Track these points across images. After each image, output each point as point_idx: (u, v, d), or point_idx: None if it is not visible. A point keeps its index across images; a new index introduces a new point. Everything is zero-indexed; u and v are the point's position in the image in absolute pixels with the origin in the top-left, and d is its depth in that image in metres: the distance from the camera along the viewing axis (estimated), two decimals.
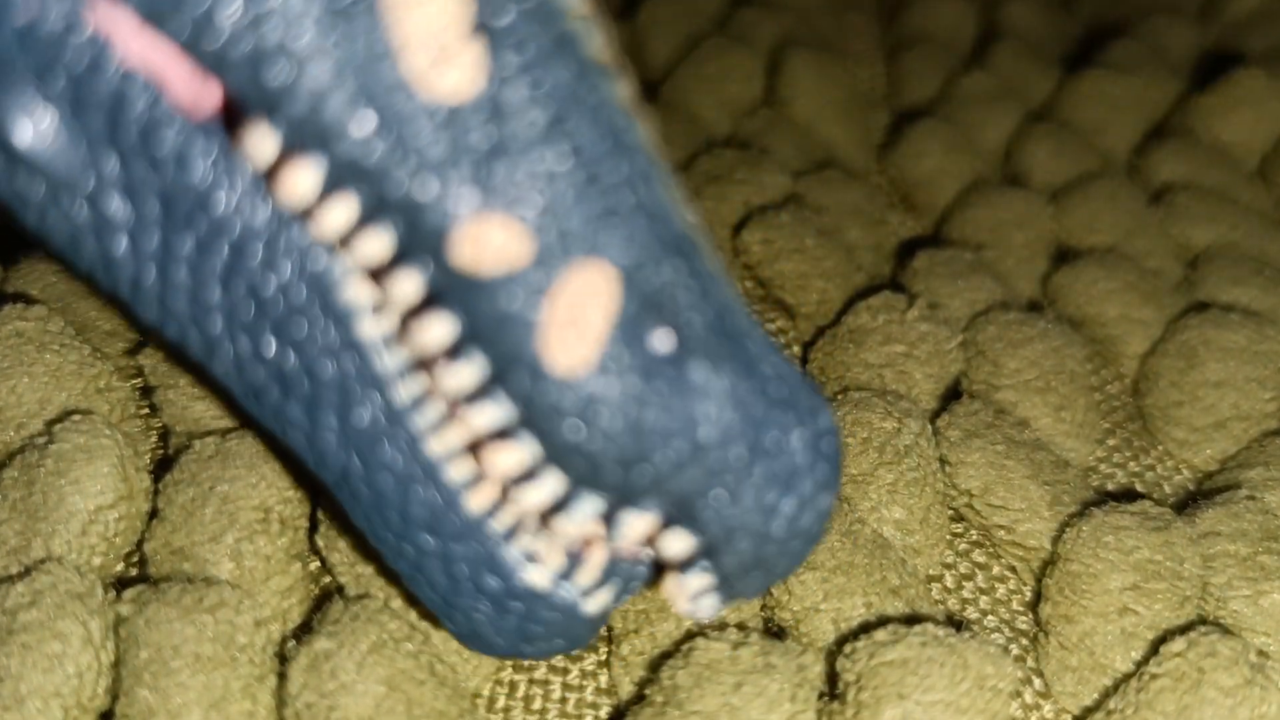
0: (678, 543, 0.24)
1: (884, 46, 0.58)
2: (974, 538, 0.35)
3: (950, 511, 0.34)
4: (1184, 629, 0.29)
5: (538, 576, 0.25)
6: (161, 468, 0.31)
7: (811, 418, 0.24)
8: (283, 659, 0.28)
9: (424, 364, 0.24)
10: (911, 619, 0.29)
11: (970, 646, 0.28)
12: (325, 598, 0.30)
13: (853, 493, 0.33)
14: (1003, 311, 0.39)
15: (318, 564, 0.31)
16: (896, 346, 0.37)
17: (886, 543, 0.31)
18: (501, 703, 0.30)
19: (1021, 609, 0.33)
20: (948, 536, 0.34)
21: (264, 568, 0.29)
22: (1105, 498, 0.33)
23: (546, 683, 0.30)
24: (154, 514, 0.31)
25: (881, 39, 0.58)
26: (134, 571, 0.31)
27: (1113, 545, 0.31)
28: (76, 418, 0.31)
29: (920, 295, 0.40)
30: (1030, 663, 0.31)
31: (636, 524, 0.24)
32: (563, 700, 0.30)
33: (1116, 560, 0.30)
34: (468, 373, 0.23)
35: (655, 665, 0.29)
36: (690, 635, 0.29)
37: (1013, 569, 0.34)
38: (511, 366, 0.22)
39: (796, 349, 0.40)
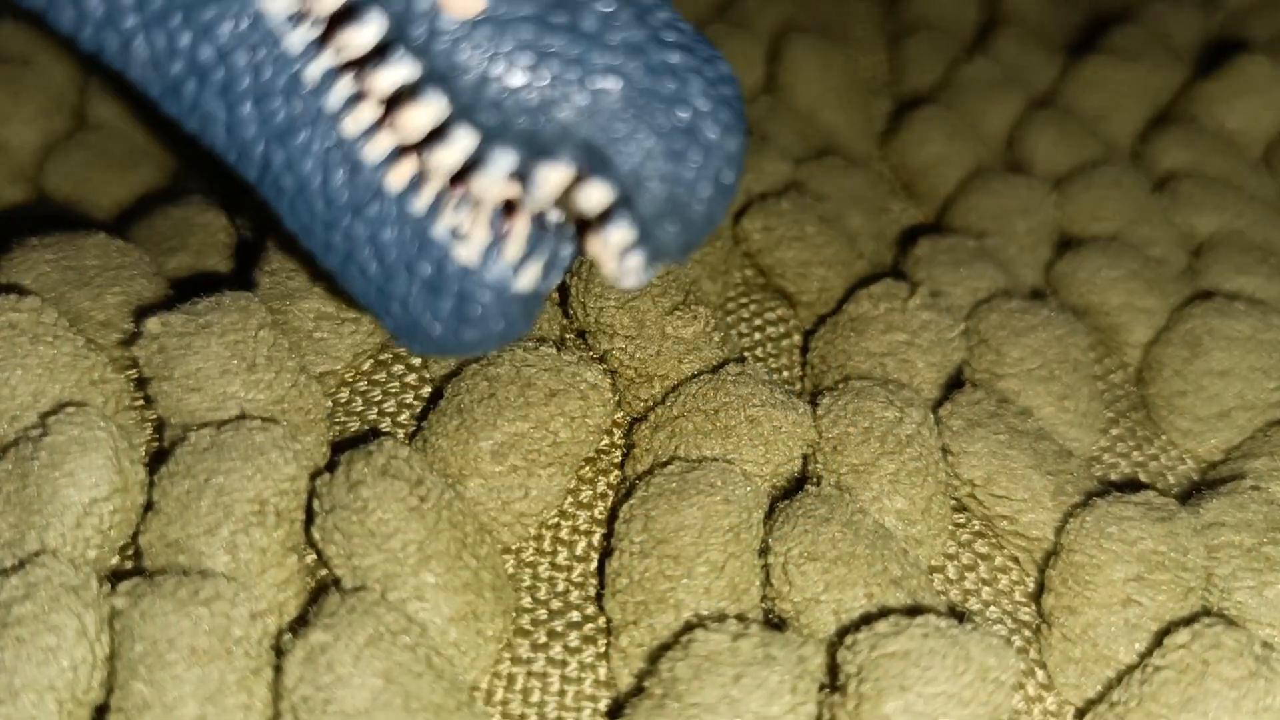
0: (593, 193, 0.25)
1: (886, 33, 0.57)
2: (976, 528, 0.34)
3: (952, 502, 0.34)
4: (1188, 620, 0.29)
5: (465, 251, 0.26)
6: (156, 460, 0.31)
7: (709, 65, 0.25)
8: (279, 652, 0.28)
9: (329, 39, 0.25)
10: (913, 610, 0.29)
11: (973, 638, 0.27)
12: (322, 591, 0.30)
13: (854, 483, 0.32)
14: (1005, 300, 0.39)
15: (314, 557, 0.31)
16: (898, 335, 0.37)
17: (888, 533, 0.31)
18: (499, 695, 0.29)
19: (1024, 600, 0.33)
20: (950, 527, 0.34)
21: (260, 560, 0.29)
22: (1109, 488, 0.33)
23: (545, 675, 0.30)
24: (149, 506, 0.30)
25: (883, 25, 0.58)
26: (129, 564, 0.31)
27: (1116, 536, 0.30)
28: (71, 410, 0.31)
29: (922, 283, 0.39)
30: (1033, 654, 0.31)
31: (551, 175, 0.25)
32: (561, 693, 0.30)
33: (1120, 551, 0.30)
34: (366, 32, 0.24)
35: (654, 657, 0.28)
36: (690, 626, 0.28)
37: (1015, 560, 0.34)
38: (408, 20, 0.23)
39: (797, 337, 0.40)
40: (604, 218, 0.25)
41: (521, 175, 0.25)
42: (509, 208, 0.27)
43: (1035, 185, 0.45)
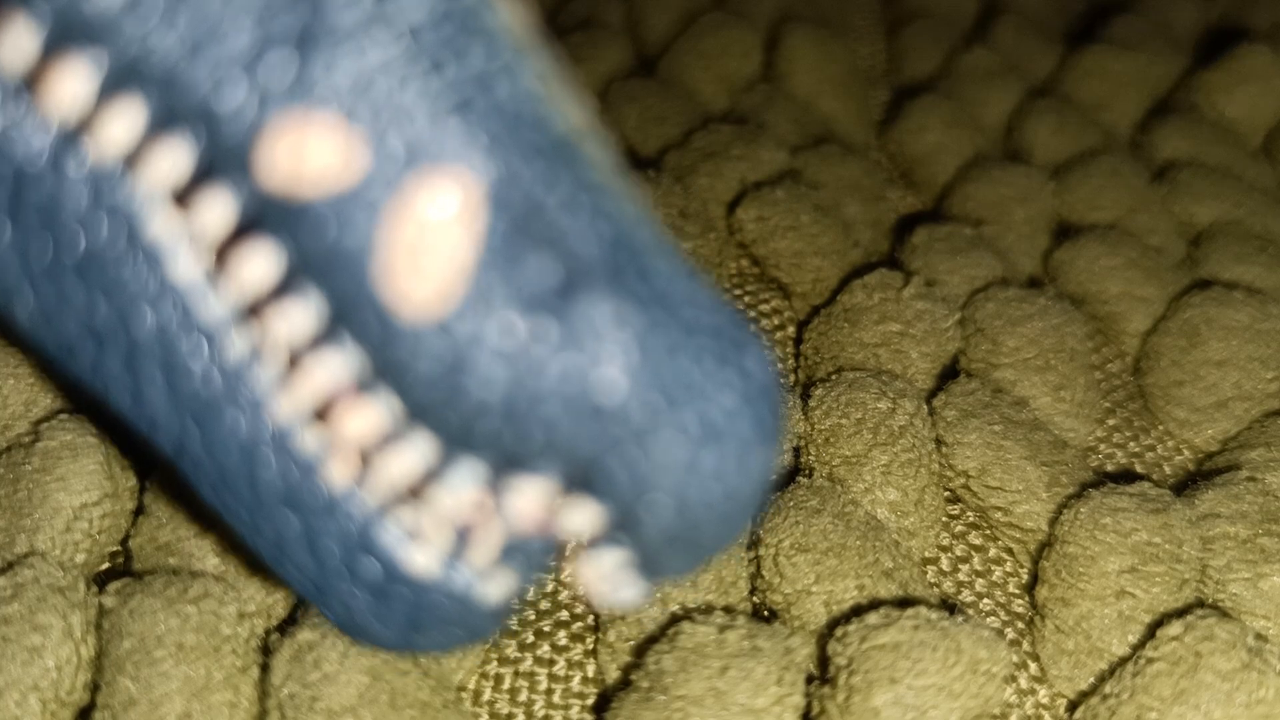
0: (582, 515, 0.20)
1: (884, 22, 0.57)
2: (970, 519, 0.34)
3: (946, 493, 0.34)
4: (1181, 612, 0.29)
5: (421, 559, 0.21)
6: (148, 467, 0.31)
7: (736, 353, 0.20)
8: (266, 652, 0.27)
9: (258, 310, 0.20)
10: (904, 602, 0.29)
11: (964, 630, 0.27)
12: None
13: (846, 474, 0.32)
14: (1002, 288, 0.39)
15: None
16: (892, 325, 0.36)
17: (880, 525, 0.31)
18: (487, 695, 0.29)
19: (1018, 592, 0.33)
20: (943, 518, 0.34)
21: (250, 562, 0.29)
22: (1104, 479, 0.33)
23: (533, 675, 0.30)
24: (140, 511, 0.30)
25: (882, 14, 0.58)
26: (118, 569, 0.31)
27: (1111, 527, 0.30)
28: (63, 416, 0.31)
29: (918, 272, 0.39)
30: (1026, 646, 0.31)
31: (529, 492, 0.20)
32: (549, 691, 0.30)
33: (1114, 542, 0.30)
34: (301, 315, 0.19)
35: (642, 651, 0.28)
36: (676, 619, 0.28)
37: (1010, 551, 0.33)
38: (353, 306, 0.19)
39: (791, 329, 0.40)
40: (595, 540, 0.21)
41: (491, 485, 0.20)
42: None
43: (1034, 174, 0.45)
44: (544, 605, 0.31)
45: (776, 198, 0.41)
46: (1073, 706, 0.30)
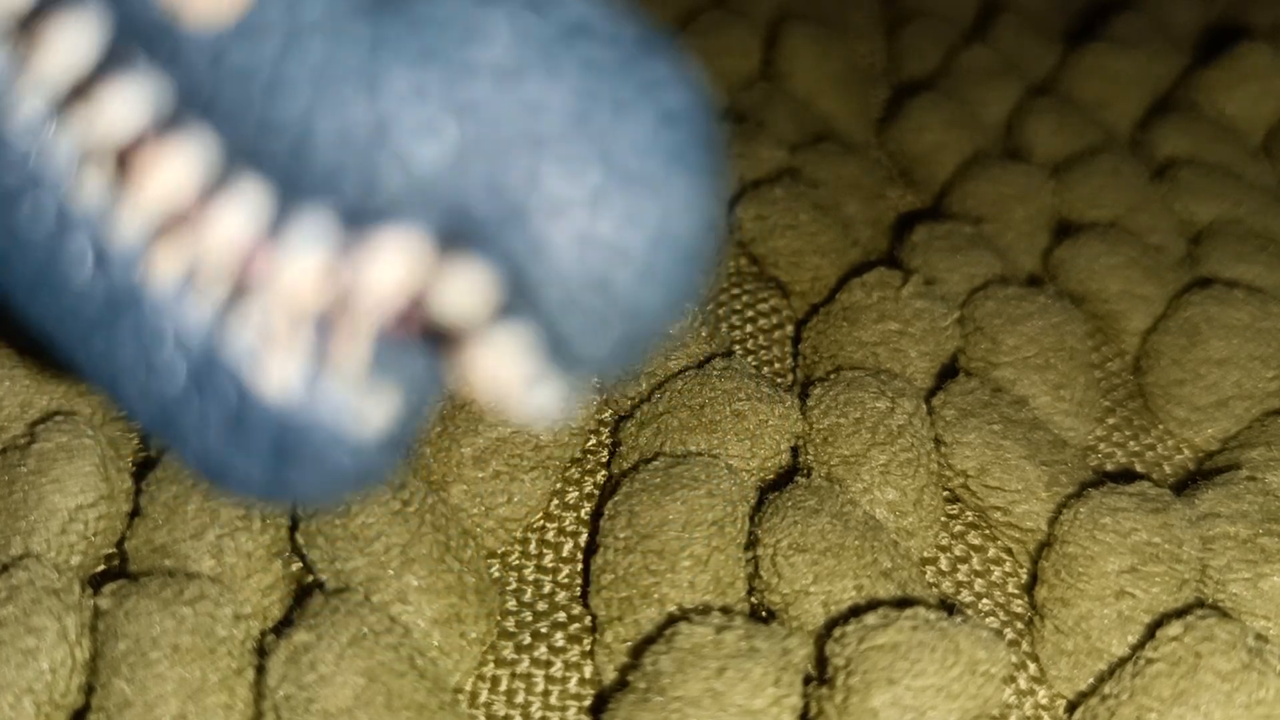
0: (464, 280, 0.15)
1: (884, 20, 0.57)
2: (970, 519, 0.34)
3: (945, 493, 0.34)
4: (1181, 612, 0.29)
5: (277, 370, 0.17)
6: (144, 469, 0.31)
7: (644, 61, 0.15)
8: (262, 653, 0.27)
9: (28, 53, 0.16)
10: (903, 602, 0.29)
11: (962, 631, 0.27)
12: (306, 595, 0.29)
13: (845, 474, 0.32)
14: (1002, 287, 0.39)
15: (299, 564, 0.31)
16: (891, 324, 0.36)
17: (879, 525, 0.31)
18: (484, 697, 0.29)
19: (1017, 592, 0.32)
20: (942, 518, 0.33)
21: (245, 565, 0.29)
22: (1104, 478, 0.33)
23: (529, 677, 0.30)
24: (136, 513, 0.30)
25: (881, 12, 0.58)
26: (114, 571, 0.31)
27: (1110, 527, 0.30)
28: (59, 418, 0.31)
29: (917, 270, 0.39)
30: (1026, 647, 0.31)
31: (393, 250, 0.15)
32: (545, 693, 0.29)
33: (1114, 542, 0.30)
34: (77, 37, 0.16)
35: (639, 652, 0.28)
36: (673, 620, 0.28)
37: (1009, 551, 0.33)
38: (135, 20, 0.15)
39: (790, 328, 0.40)
40: (485, 323, 0.16)
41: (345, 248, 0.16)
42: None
43: (1033, 172, 0.45)
44: (541, 607, 0.31)
45: (775, 196, 0.41)
46: (1072, 707, 0.30)
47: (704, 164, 0.16)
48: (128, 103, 0.16)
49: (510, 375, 0.16)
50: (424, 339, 0.17)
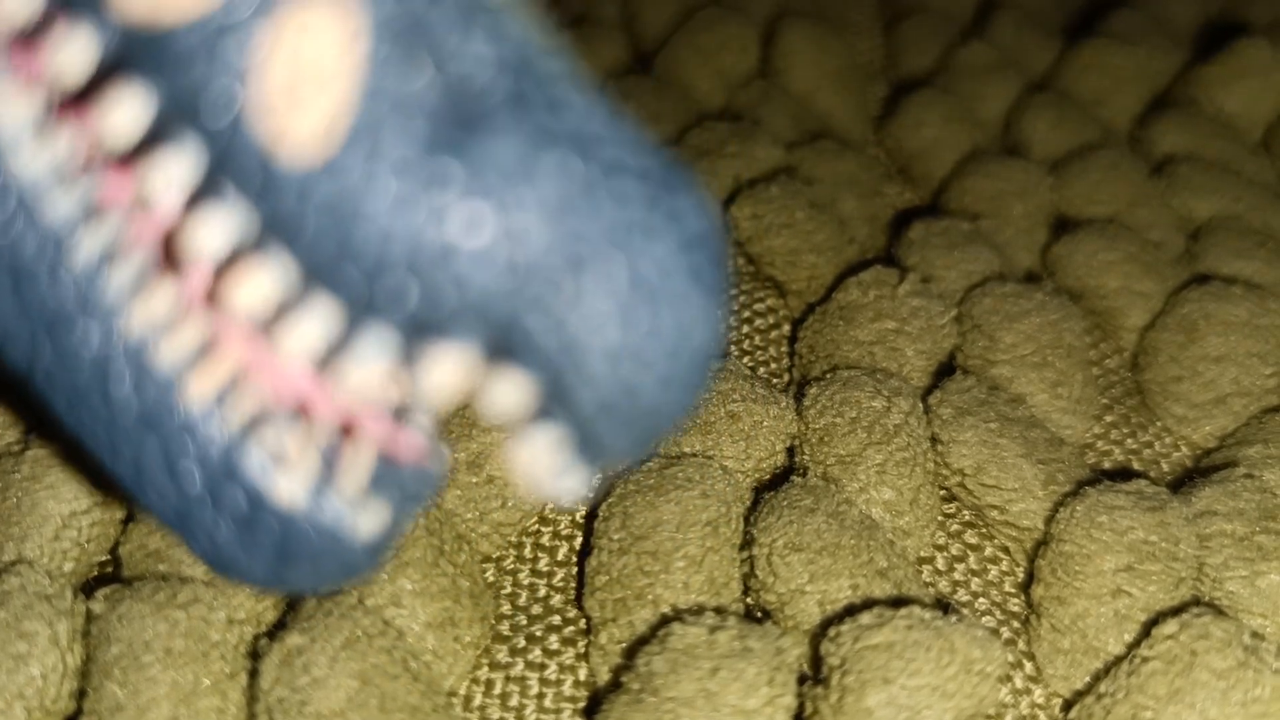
0: (508, 386, 0.18)
1: (882, 16, 0.57)
2: (966, 518, 0.34)
3: (942, 491, 0.34)
4: (1177, 611, 0.29)
5: (287, 486, 0.20)
6: None
7: (667, 197, 0.18)
8: (255, 657, 0.27)
9: (116, 195, 0.18)
10: (898, 601, 0.29)
11: (957, 630, 0.27)
12: (299, 600, 0.29)
13: (841, 474, 0.32)
14: (999, 284, 0.38)
15: None
16: (887, 323, 0.36)
17: (875, 524, 0.31)
18: (478, 700, 0.29)
19: (1014, 591, 0.32)
20: (939, 517, 0.33)
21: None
22: (1101, 476, 0.33)
23: (524, 680, 0.30)
24: (130, 518, 0.30)
25: (879, 9, 0.58)
26: (107, 578, 0.31)
27: (1107, 525, 0.30)
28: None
29: (914, 268, 0.39)
30: (1022, 645, 0.31)
31: (447, 361, 0.18)
32: (540, 696, 0.29)
33: (1110, 541, 0.30)
34: (176, 166, 0.17)
35: (633, 653, 0.28)
36: (667, 621, 0.28)
37: (1006, 550, 0.33)
38: (229, 152, 0.17)
39: (786, 327, 0.40)
40: (524, 419, 0.19)
41: (406, 358, 0.18)
42: (346, 429, 0.20)
43: (1032, 168, 0.45)
44: (536, 610, 0.31)
45: (771, 195, 0.41)
46: (1068, 706, 0.30)
47: (718, 282, 0.18)
48: (217, 226, 0.18)
49: (543, 466, 0.19)
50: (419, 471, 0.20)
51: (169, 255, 0.19)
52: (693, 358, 0.18)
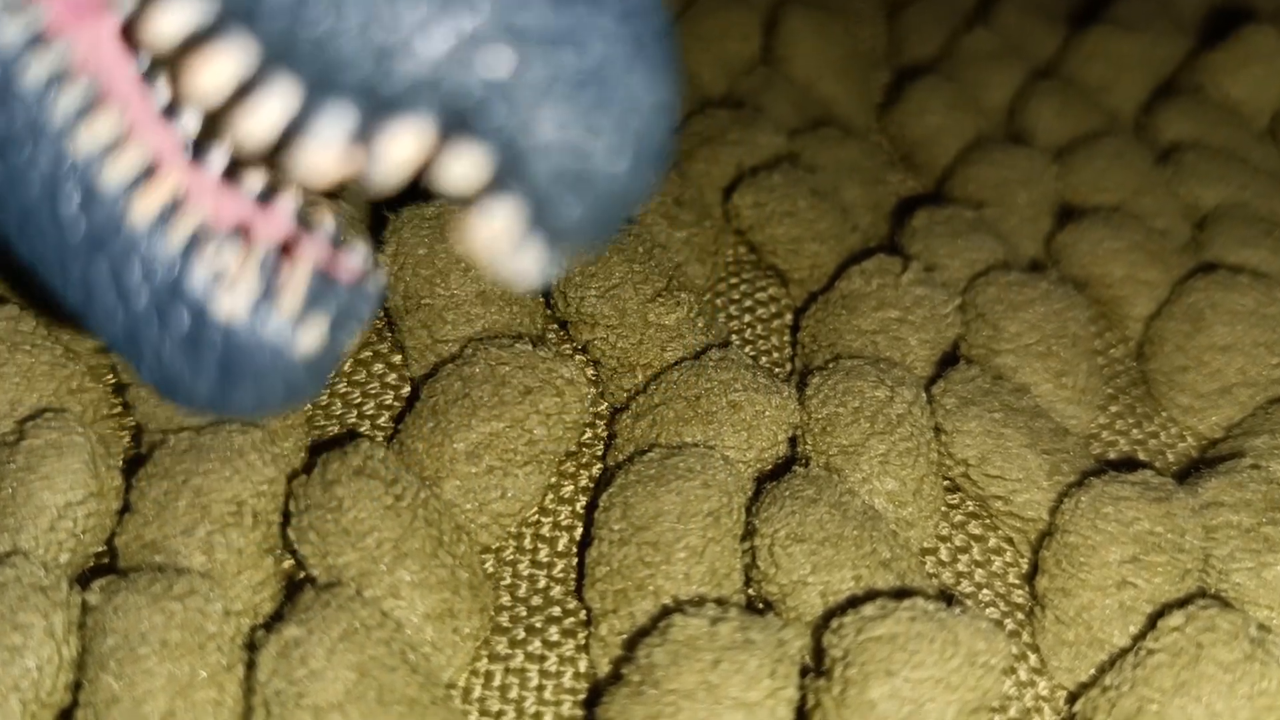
0: (464, 160, 0.19)
1: (885, 3, 0.57)
2: (970, 509, 0.34)
3: (945, 482, 0.34)
4: (1183, 603, 0.28)
5: (230, 304, 0.21)
6: (134, 466, 0.31)
7: None
8: (252, 649, 0.27)
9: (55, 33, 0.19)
10: (901, 593, 0.28)
11: (961, 622, 0.27)
12: (297, 590, 0.29)
13: (843, 464, 0.32)
14: (1003, 272, 0.38)
15: (291, 562, 0.31)
16: (890, 312, 0.36)
17: (878, 515, 0.31)
18: (477, 692, 0.29)
19: (1018, 582, 0.32)
20: (942, 508, 0.33)
21: (236, 561, 0.29)
22: (1106, 467, 0.33)
23: (523, 671, 0.30)
24: (126, 509, 0.30)
25: None
26: (103, 569, 0.30)
27: (1112, 516, 0.30)
28: (48, 415, 0.31)
29: (918, 256, 0.39)
30: (1026, 637, 0.31)
31: (405, 136, 0.19)
32: (540, 688, 0.29)
33: (1116, 532, 0.30)
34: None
35: (634, 645, 0.28)
36: (668, 612, 0.28)
37: (1010, 541, 0.33)
38: None
39: (789, 316, 0.40)
40: (480, 195, 0.19)
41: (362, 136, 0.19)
42: (284, 250, 0.22)
43: (1036, 156, 0.45)
44: (536, 601, 0.31)
45: (773, 183, 0.41)
46: (1073, 698, 0.29)
47: (662, 52, 0.19)
48: (177, 14, 0.19)
49: (501, 240, 0.19)
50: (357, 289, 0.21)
51: (114, 83, 0.20)
52: (641, 127, 0.19)
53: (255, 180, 0.22)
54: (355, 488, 0.29)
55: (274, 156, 0.20)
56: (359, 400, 0.35)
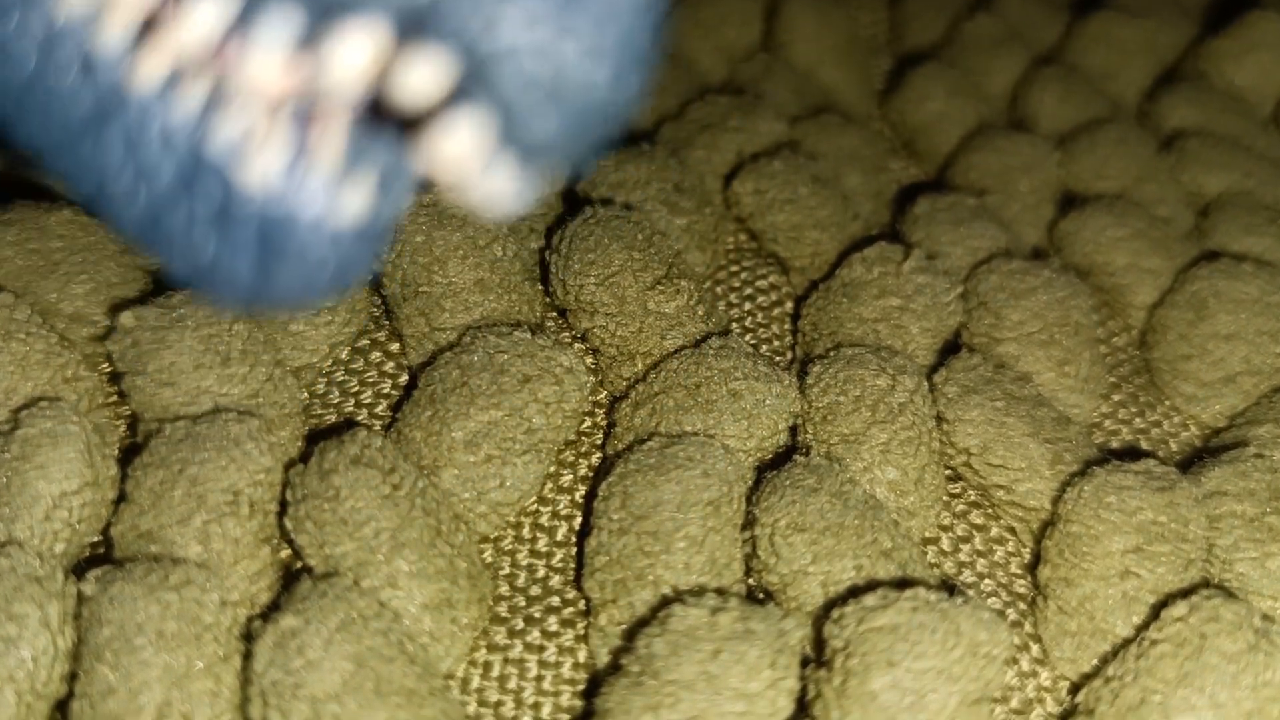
0: (424, 66, 0.17)
1: None
2: (972, 498, 0.34)
3: (947, 471, 0.33)
4: (1186, 593, 0.28)
5: (258, 171, 0.18)
6: (129, 455, 0.31)
7: None
8: (249, 640, 0.27)
9: None
10: (903, 583, 0.28)
11: (963, 612, 0.27)
12: (294, 580, 0.29)
13: (844, 453, 0.32)
14: (1005, 260, 0.38)
15: (288, 552, 0.30)
16: (892, 300, 0.36)
17: (879, 504, 0.30)
18: (475, 683, 0.29)
19: (1020, 572, 0.32)
20: (944, 497, 0.33)
21: (232, 551, 0.29)
22: (1108, 456, 0.32)
23: (522, 662, 0.29)
24: (121, 499, 0.30)
25: None
26: (98, 559, 0.30)
27: (1115, 506, 0.30)
28: (43, 404, 0.31)
29: (919, 244, 0.39)
30: (1028, 628, 0.31)
31: (355, 41, 0.17)
32: (538, 678, 0.29)
33: (1119, 521, 0.29)
34: None
35: (633, 635, 0.28)
36: (668, 602, 0.28)
37: (1012, 530, 0.33)
38: None
39: (789, 305, 0.39)
40: (442, 109, 0.17)
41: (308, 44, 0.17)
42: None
43: (1039, 143, 0.45)
44: (535, 591, 0.31)
45: (774, 170, 0.41)
46: (1075, 689, 0.29)
47: None
48: None
49: (469, 157, 0.17)
50: (392, 128, 0.18)
51: None
52: (622, 28, 0.17)
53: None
54: (352, 477, 0.29)
55: None
56: (356, 389, 0.35)
